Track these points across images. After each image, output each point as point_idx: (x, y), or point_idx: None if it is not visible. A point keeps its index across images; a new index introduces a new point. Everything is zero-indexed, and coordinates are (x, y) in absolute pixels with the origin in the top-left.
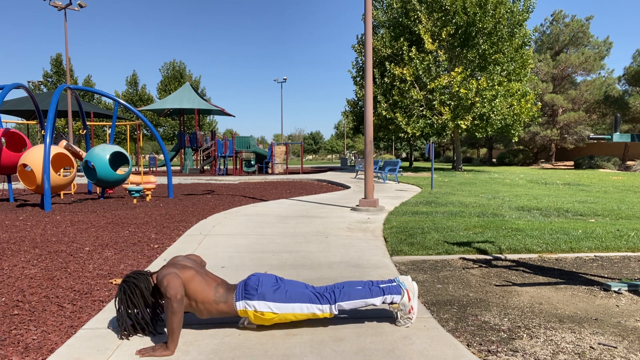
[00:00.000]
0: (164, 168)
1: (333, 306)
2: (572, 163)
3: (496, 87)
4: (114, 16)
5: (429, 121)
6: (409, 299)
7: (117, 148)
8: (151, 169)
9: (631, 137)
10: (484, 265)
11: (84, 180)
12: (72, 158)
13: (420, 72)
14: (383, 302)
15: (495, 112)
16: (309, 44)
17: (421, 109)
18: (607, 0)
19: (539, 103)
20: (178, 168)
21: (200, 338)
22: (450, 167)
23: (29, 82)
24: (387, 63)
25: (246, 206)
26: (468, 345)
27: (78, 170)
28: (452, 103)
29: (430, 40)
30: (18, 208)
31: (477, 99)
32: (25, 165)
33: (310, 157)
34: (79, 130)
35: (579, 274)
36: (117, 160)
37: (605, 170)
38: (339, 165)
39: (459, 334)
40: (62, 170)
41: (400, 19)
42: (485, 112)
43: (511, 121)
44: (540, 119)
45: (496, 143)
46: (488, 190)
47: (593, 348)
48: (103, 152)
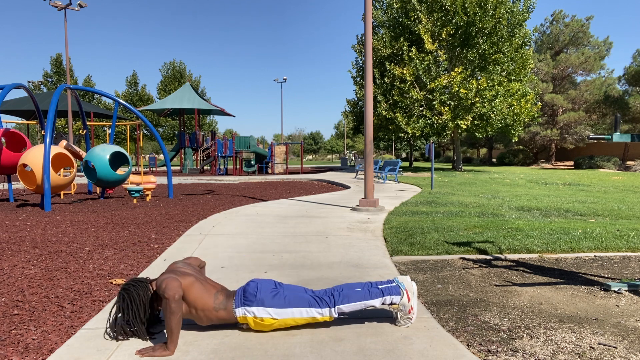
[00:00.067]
0: (164, 168)
1: (333, 309)
2: (572, 163)
3: (496, 87)
4: (114, 16)
5: (429, 121)
6: (409, 299)
7: (117, 148)
8: (151, 169)
9: (631, 137)
10: (484, 265)
11: (84, 180)
12: (72, 158)
13: (420, 72)
14: (382, 303)
15: (495, 112)
16: (309, 44)
17: (421, 109)
18: (607, 0)
19: (539, 103)
20: (178, 168)
21: (200, 338)
22: (450, 167)
23: (29, 82)
24: (387, 63)
25: (246, 206)
26: (468, 345)
27: (78, 170)
28: (452, 103)
29: (430, 40)
30: (18, 208)
31: (477, 99)
32: (25, 165)
33: (310, 157)
34: (79, 130)
35: (579, 274)
36: (117, 160)
37: (605, 170)
38: (339, 165)
39: (459, 334)
40: (62, 170)
41: (400, 19)
42: (485, 112)
43: (511, 121)
44: (540, 119)
45: (496, 143)
46: (488, 190)
47: (593, 348)
48: (103, 152)
